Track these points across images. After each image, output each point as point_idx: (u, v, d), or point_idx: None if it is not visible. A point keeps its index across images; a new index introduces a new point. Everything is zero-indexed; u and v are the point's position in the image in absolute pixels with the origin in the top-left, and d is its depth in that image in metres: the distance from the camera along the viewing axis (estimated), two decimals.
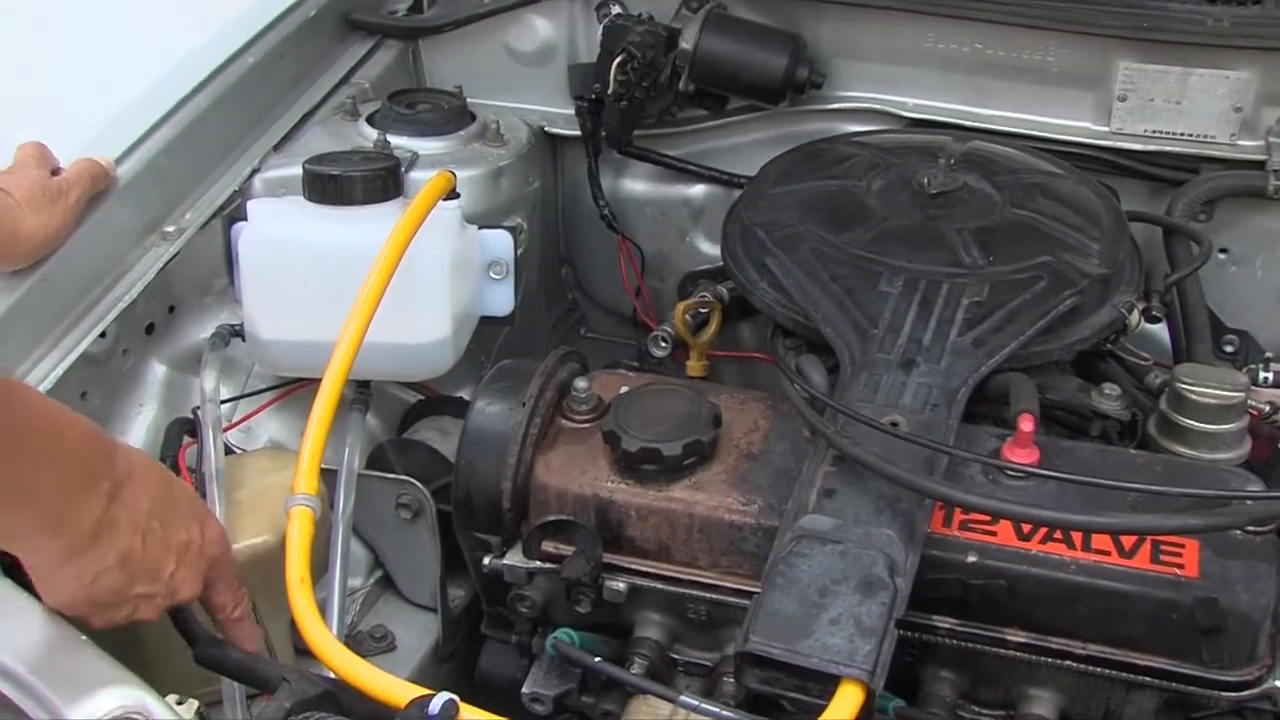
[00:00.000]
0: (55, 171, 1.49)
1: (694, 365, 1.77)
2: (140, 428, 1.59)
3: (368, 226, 1.47)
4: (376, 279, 1.37)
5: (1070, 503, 1.23)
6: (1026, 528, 1.24)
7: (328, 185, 1.51)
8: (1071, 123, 1.86)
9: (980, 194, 1.65)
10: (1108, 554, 1.23)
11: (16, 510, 1.07)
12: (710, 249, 2.04)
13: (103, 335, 1.49)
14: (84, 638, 1.14)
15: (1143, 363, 1.57)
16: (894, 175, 1.69)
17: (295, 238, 1.51)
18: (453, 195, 1.54)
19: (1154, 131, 1.83)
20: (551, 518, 1.35)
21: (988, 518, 1.26)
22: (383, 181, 1.53)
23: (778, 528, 1.25)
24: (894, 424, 1.30)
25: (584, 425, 1.41)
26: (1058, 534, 1.24)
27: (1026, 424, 1.28)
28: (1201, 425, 1.41)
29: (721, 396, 1.43)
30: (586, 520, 1.35)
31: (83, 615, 1.15)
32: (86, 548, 1.10)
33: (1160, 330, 1.73)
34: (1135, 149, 1.84)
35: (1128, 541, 1.23)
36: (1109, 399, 1.44)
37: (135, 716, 1.07)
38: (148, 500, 1.14)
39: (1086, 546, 1.24)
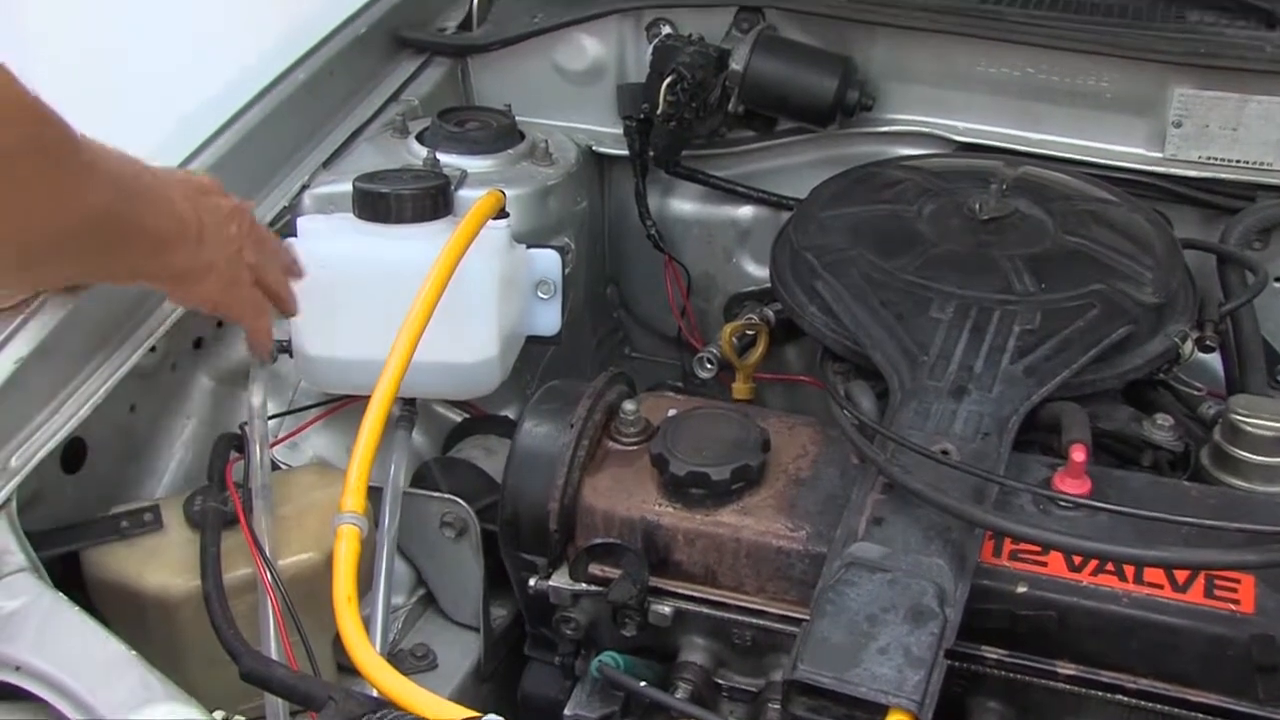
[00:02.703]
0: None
1: (740, 388, 1.77)
2: (187, 441, 1.61)
3: (417, 245, 1.48)
4: (426, 298, 1.38)
5: (1122, 535, 1.23)
6: (1078, 559, 1.24)
7: (378, 203, 1.53)
8: (1125, 149, 1.86)
9: (1032, 220, 1.65)
10: (1161, 587, 1.22)
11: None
12: (757, 270, 2.05)
13: (153, 349, 1.50)
14: (134, 654, 1.15)
15: (1196, 393, 1.57)
16: (945, 200, 1.69)
17: (345, 255, 1.53)
18: (502, 214, 1.56)
19: (1209, 158, 1.83)
20: (599, 540, 1.36)
21: (1038, 548, 1.26)
22: (433, 200, 1.54)
23: (826, 555, 1.26)
24: (944, 452, 1.30)
25: (632, 448, 1.42)
26: (1109, 566, 1.24)
27: (1078, 454, 1.27)
28: (1256, 457, 1.40)
29: (770, 421, 1.44)
30: (633, 543, 1.36)
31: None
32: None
33: (1214, 360, 1.72)
34: (1190, 176, 1.84)
35: (1181, 575, 1.23)
36: (1161, 429, 1.43)
37: None
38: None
39: (1139, 579, 1.23)
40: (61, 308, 1.42)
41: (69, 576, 1.38)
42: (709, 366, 1.73)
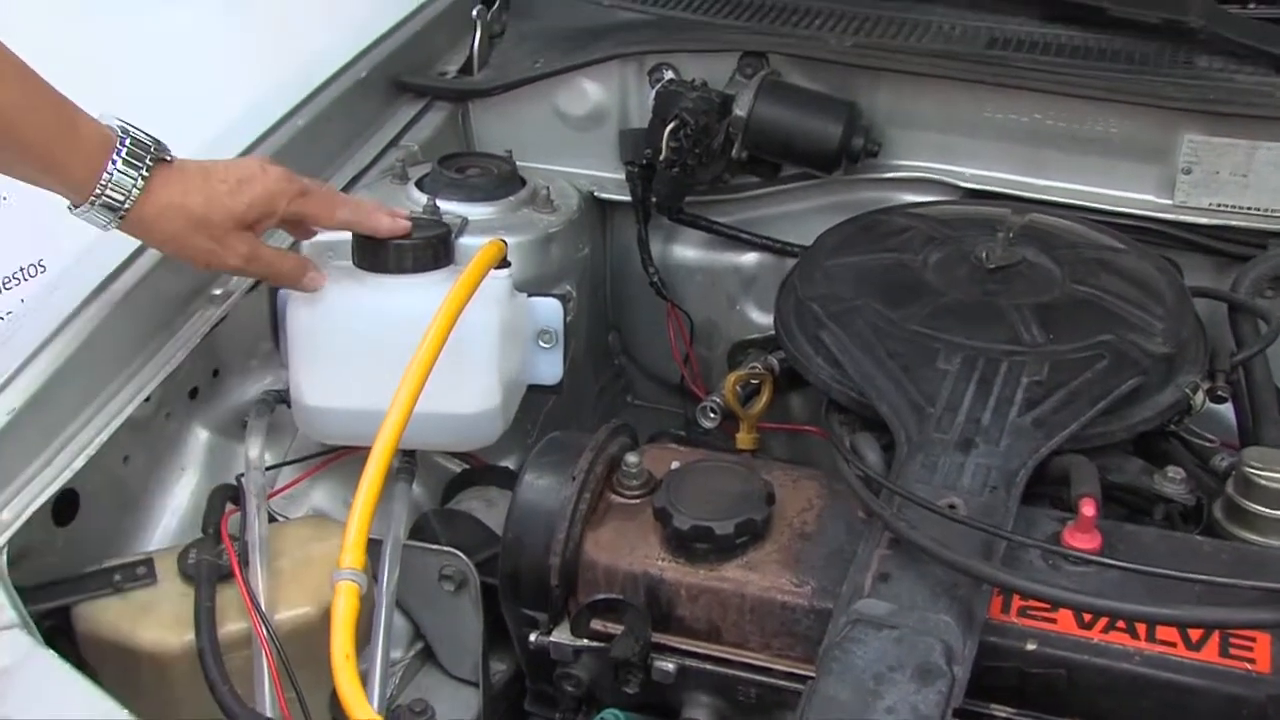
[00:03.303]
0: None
1: (744, 437, 1.77)
2: (181, 493, 1.61)
3: (418, 295, 1.49)
4: (427, 351, 1.38)
5: (1134, 591, 1.22)
6: (1088, 616, 1.24)
7: (378, 253, 1.53)
8: (1134, 195, 1.87)
9: (1040, 269, 1.66)
10: (1174, 645, 1.22)
11: None
12: (761, 318, 2.05)
13: (147, 399, 1.51)
14: (126, 712, 1.15)
15: (1208, 444, 1.56)
16: (951, 249, 1.70)
17: (344, 305, 1.53)
18: (504, 264, 1.56)
19: (1219, 205, 1.83)
20: (601, 596, 1.36)
21: (1048, 605, 1.25)
22: (434, 250, 1.55)
23: (831, 610, 1.25)
24: (951, 506, 1.30)
25: (634, 501, 1.42)
26: (1121, 623, 1.23)
27: (1088, 508, 1.27)
28: (1271, 511, 1.39)
29: (774, 473, 1.44)
30: (635, 599, 1.36)
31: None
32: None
33: (1226, 410, 1.71)
34: (1200, 223, 1.84)
35: (1195, 633, 1.22)
36: (1173, 482, 1.43)
37: None
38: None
39: (1151, 637, 1.23)
40: (57, 358, 1.43)
41: (59, 631, 1.38)
42: (712, 416, 1.73)
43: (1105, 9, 1.94)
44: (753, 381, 1.76)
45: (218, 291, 1.62)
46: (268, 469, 1.56)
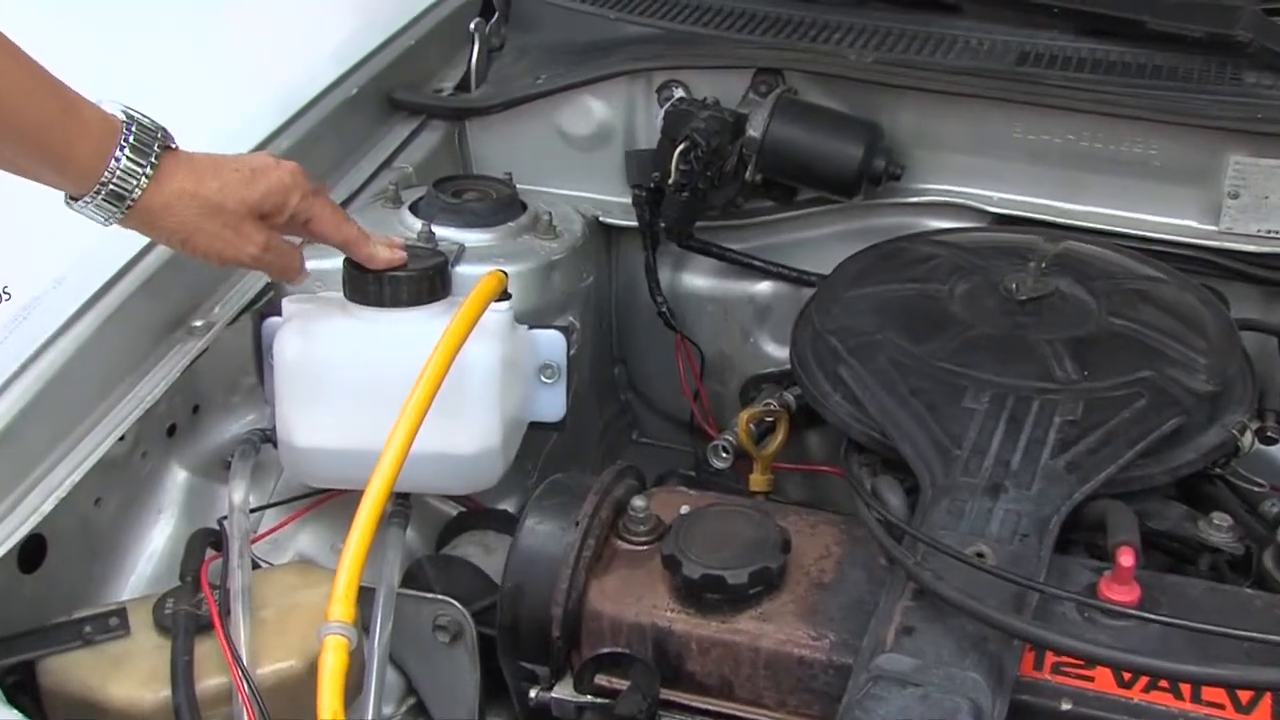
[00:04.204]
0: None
1: (757, 479, 1.78)
2: (158, 538, 1.62)
3: (414, 330, 1.50)
4: (424, 388, 1.39)
5: (1178, 648, 1.23)
6: (1128, 674, 1.24)
7: (370, 286, 1.55)
8: (1176, 221, 1.88)
9: (1074, 301, 1.67)
10: (1221, 707, 1.22)
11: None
12: (776, 351, 2.07)
13: (121, 438, 1.52)
14: None
15: (1257, 489, 1.56)
16: (979, 279, 1.71)
17: (335, 339, 1.55)
18: (504, 296, 1.58)
19: (1268, 231, 1.84)
20: (605, 650, 1.37)
21: (1084, 662, 1.25)
22: (430, 282, 1.56)
23: (852, 666, 1.26)
24: (979, 555, 1.31)
25: (642, 548, 1.43)
26: (1163, 682, 1.24)
27: (1126, 558, 1.28)
28: None
29: (790, 518, 1.45)
30: (643, 652, 1.36)
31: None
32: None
33: (1277, 452, 1.72)
34: (1247, 250, 1.85)
35: (1245, 695, 1.22)
36: (1219, 530, 1.44)
37: None
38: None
39: (1197, 698, 1.23)
40: (26, 394, 1.44)
41: (23, 687, 1.38)
42: (724, 455, 1.74)
43: (1145, 22, 1.95)
44: (767, 419, 1.77)
45: (198, 323, 1.63)
46: (251, 512, 1.56)
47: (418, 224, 1.77)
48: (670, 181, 1.89)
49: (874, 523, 1.38)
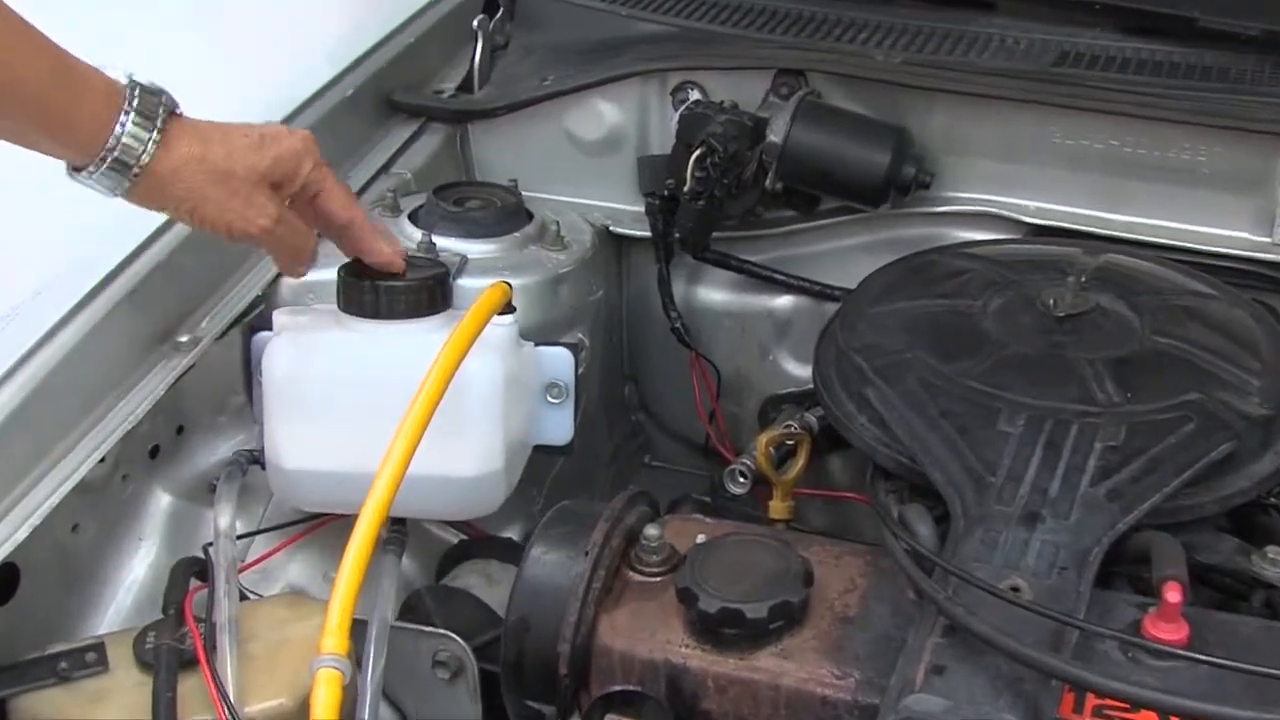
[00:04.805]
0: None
1: (777, 505, 1.78)
2: (139, 567, 1.61)
3: (412, 344, 1.49)
4: (422, 406, 1.39)
5: (1230, 691, 1.21)
6: (1175, 718, 1.23)
7: (366, 297, 1.54)
8: (1225, 232, 1.87)
9: (1116, 318, 1.66)
10: None
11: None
12: (797, 369, 2.06)
13: (102, 460, 1.51)
14: None
15: None
16: (1014, 294, 1.70)
17: (328, 355, 1.55)
18: (508, 309, 1.57)
19: None
20: (616, 688, 1.36)
21: (1127, 704, 1.24)
22: (429, 293, 1.56)
23: (878, 707, 1.25)
24: (1015, 589, 1.30)
25: (655, 579, 1.42)
26: None
27: (1173, 594, 1.26)
28: None
29: (813, 549, 1.44)
30: (656, 690, 1.35)
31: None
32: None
33: None
34: None
35: None
36: (1274, 564, 1.42)
37: None
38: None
39: None
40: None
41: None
42: (742, 480, 1.74)
43: (1195, 18, 1.95)
44: (787, 442, 1.77)
45: (184, 339, 1.63)
46: (238, 539, 1.56)
47: (417, 233, 1.76)
48: (685, 189, 1.89)
49: (902, 554, 1.37)
